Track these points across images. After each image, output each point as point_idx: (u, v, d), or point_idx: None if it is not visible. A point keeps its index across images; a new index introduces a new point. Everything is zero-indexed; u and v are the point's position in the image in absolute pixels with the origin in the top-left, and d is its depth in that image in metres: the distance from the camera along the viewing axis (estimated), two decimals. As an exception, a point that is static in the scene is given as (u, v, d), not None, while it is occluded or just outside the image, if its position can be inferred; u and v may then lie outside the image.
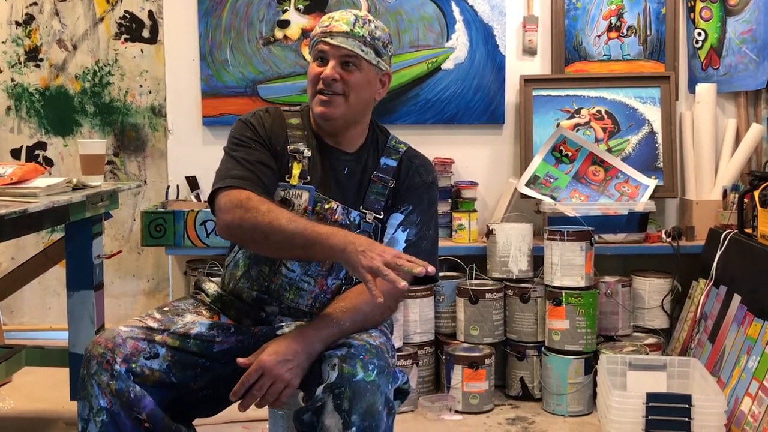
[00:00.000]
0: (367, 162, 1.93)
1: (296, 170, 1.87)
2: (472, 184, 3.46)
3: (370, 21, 1.87)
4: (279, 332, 1.81)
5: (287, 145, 1.90)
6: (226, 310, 1.90)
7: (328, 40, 1.84)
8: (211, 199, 1.82)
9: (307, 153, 1.89)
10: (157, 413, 1.67)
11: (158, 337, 1.73)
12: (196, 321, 1.80)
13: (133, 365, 1.67)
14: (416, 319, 3.16)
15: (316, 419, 1.62)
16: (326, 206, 1.86)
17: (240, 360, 1.67)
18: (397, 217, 1.90)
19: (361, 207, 1.89)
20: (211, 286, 1.95)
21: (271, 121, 1.93)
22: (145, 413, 1.66)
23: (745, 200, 2.89)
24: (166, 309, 1.84)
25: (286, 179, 1.86)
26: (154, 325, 1.76)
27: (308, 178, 1.87)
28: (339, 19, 1.86)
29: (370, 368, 1.62)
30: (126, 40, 3.93)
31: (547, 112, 3.52)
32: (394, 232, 1.88)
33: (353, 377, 1.60)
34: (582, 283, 3.02)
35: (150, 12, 3.91)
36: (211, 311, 1.89)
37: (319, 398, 1.61)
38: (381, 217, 1.89)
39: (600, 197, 3.33)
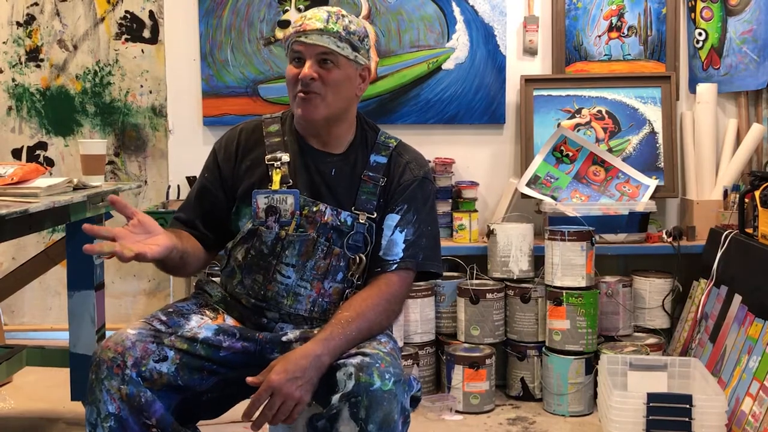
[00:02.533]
0: (356, 161, 1.89)
1: (276, 177, 1.85)
2: (473, 184, 3.46)
3: (343, 16, 1.84)
4: (284, 338, 1.81)
5: (265, 155, 1.89)
6: (230, 312, 1.90)
7: (302, 39, 1.80)
8: None
9: (286, 158, 1.87)
10: (166, 419, 1.67)
11: (167, 340, 1.73)
12: (202, 325, 1.80)
13: (143, 368, 1.67)
14: (417, 319, 3.16)
15: (330, 426, 1.61)
16: (314, 209, 1.84)
17: (249, 379, 1.65)
18: (393, 218, 1.86)
19: (353, 208, 1.86)
20: (215, 287, 1.94)
21: (245, 139, 1.93)
22: (155, 419, 1.65)
23: (746, 200, 2.89)
24: (170, 310, 1.83)
25: (268, 187, 1.85)
26: (161, 327, 1.75)
27: (290, 182, 1.85)
28: (312, 17, 1.82)
29: (387, 377, 1.61)
30: (127, 40, 3.93)
31: (547, 112, 3.52)
32: (392, 234, 1.85)
33: (370, 386, 1.59)
34: (583, 283, 3.02)
35: (150, 12, 3.91)
36: (215, 312, 1.88)
37: (335, 406, 1.60)
38: (374, 216, 1.86)
39: (601, 197, 3.33)
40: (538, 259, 3.19)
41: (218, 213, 1.92)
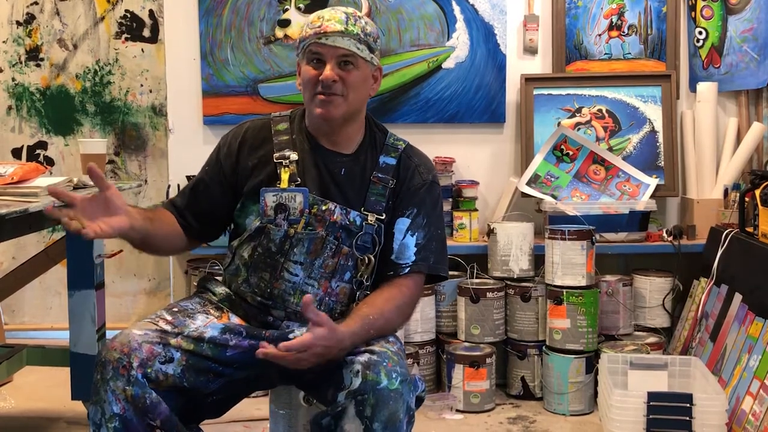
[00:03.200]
0: (366, 162, 1.90)
1: (285, 175, 1.85)
2: (473, 183, 3.46)
3: (359, 17, 1.85)
4: (290, 336, 1.80)
5: (273, 153, 1.89)
6: (234, 310, 1.89)
7: (323, 41, 1.81)
8: None
9: (294, 157, 1.87)
10: (171, 420, 1.67)
11: (173, 341, 1.72)
12: (208, 324, 1.80)
13: (149, 370, 1.67)
14: (417, 318, 3.16)
15: (334, 424, 1.62)
16: (323, 207, 1.84)
17: (260, 351, 1.64)
18: (404, 222, 1.88)
19: (362, 209, 1.86)
20: (218, 286, 1.94)
21: (252, 136, 1.93)
22: (160, 420, 1.65)
23: (746, 199, 2.89)
24: (175, 310, 1.82)
25: (277, 185, 1.85)
26: (167, 327, 1.75)
27: (299, 180, 1.86)
28: (331, 18, 1.82)
29: (394, 376, 1.62)
30: (126, 39, 3.93)
31: (548, 111, 3.52)
32: (403, 238, 1.87)
33: (377, 384, 1.60)
34: (583, 282, 3.02)
35: (150, 11, 3.91)
36: (219, 310, 1.88)
37: (341, 404, 1.61)
38: (383, 218, 1.87)
39: (601, 196, 3.33)
40: (538, 258, 3.19)
41: (210, 207, 1.93)
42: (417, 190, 1.90)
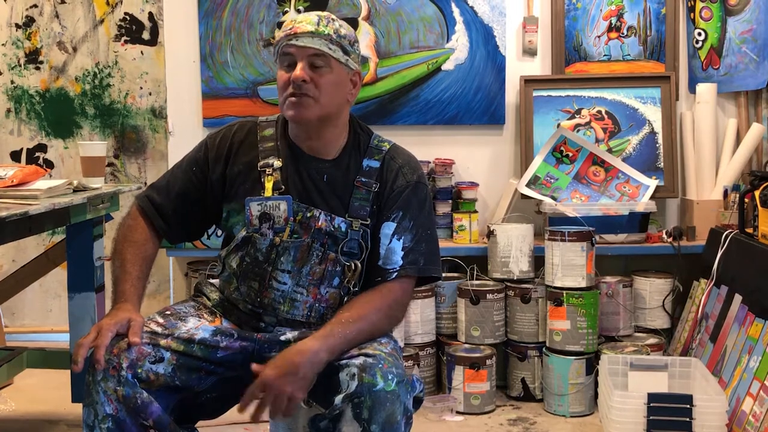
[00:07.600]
0: (349, 166, 1.88)
1: (269, 183, 1.84)
2: (473, 185, 3.46)
3: (333, 20, 1.83)
4: (282, 338, 1.80)
5: (258, 160, 1.87)
6: (228, 315, 1.89)
7: (293, 42, 1.79)
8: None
9: (278, 164, 1.85)
10: (164, 419, 1.67)
11: (163, 342, 1.72)
12: (199, 326, 1.80)
13: (139, 370, 1.67)
14: (417, 319, 3.16)
15: (332, 427, 1.61)
16: (308, 215, 1.83)
17: (254, 366, 1.65)
18: (389, 226, 1.84)
19: (346, 215, 1.84)
20: (213, 291, 1.94)
21: (239, 141, 1.91)
22: (152, 420, 1.65)
23: (746, 200, 2.89)
24: (168, 313, 1.83)
25: (261, 194, 1.83)
26: (158, 329, 1.75)
27: (282, 188, 1.84)
28: (302, 20, 1.81)
29: (390, 377, 1.62)
30: (126, 41, 3.93)
31: (547, 113, 3.52)
32: (390, 243, 1.83)
33: (374, 387, 1.60)
34: (583, 284, 3.02)
35: (150, 14, 3.91)
36: (212, 315, 1.88)
37: (338, 407, 1.60)
38: (368, 223, 1.85)
39: (601, 197, 3.33)
40: (538, 260, 3.18)
41: (197, 213, 1.93)
42: (401, 192, 1.86)
